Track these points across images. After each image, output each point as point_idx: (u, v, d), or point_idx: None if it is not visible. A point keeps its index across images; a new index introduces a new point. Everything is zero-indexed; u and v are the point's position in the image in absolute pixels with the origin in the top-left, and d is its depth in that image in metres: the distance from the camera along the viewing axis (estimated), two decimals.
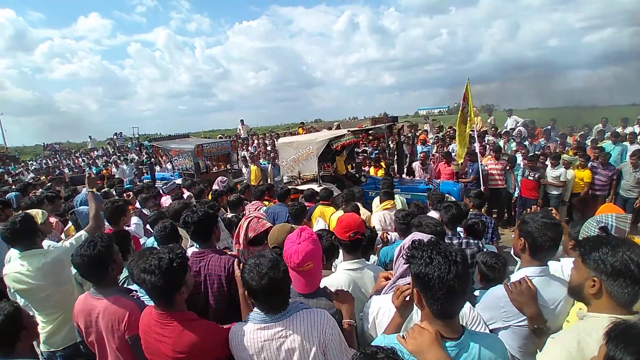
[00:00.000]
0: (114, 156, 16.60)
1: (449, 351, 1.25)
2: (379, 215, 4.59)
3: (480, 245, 3.29)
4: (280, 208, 4.82)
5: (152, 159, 11.06)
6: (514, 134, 10.16)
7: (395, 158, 8.29)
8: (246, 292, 1.65)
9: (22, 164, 27.04)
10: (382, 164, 8.45)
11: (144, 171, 12.58)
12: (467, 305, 1.74)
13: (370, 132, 7.25)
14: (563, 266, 2.31)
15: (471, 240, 3.28)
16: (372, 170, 8.65)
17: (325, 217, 4.54)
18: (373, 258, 3.33)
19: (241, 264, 1.94)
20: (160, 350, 1.78)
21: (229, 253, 2.55)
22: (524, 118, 12.13)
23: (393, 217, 4.05)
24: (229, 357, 1.77)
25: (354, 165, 8.39)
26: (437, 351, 1.22)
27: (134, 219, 4.38)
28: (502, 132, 10.32)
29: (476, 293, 2.42)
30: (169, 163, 11.08)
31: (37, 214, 3.23)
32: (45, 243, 3.16)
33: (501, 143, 9.51)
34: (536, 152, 8.16)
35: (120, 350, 1.99)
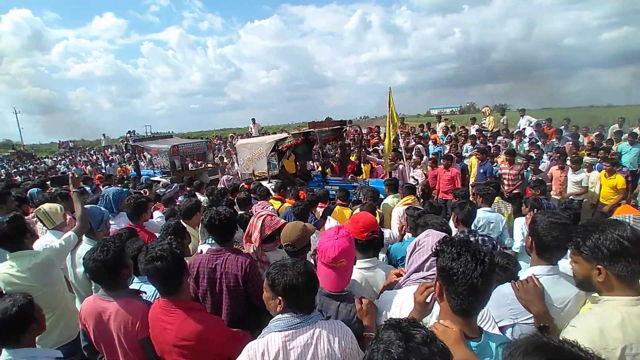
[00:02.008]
0: (127, 154, 16.92)
1: (473, 350, 1.27)
2: (399, 210, 4.61)
3: (495, 242, 3.28)
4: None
5: (137, 158, 11.98)
6: (527, 134, 10.05)
7: (340, 158, 9.14)
8: (279, 297, 1.59)
9: (38, 160, 27.60)
10: (333, 164, 9.30)
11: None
12: None
13: (310, 134, 8.15)
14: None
15: (486, 238, 3.26)
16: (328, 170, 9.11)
17: (345, 218, 4.56)
18: (382, 256, 3.34)
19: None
20: (164, 337, 1.83)
21: (244, 252, 2.59)
22: (537, 118, 11.97)
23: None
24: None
25: (303, 164, 9.04)
26: (464, 350, 1.23)
27: (157, 214, 4.48)
28: (515, 133, 10.21)
29: None
30: (150, 161, 12.19)
31: (57, 208, 3.31)
32: (52, 239, 3.21)
33: (514, 143, 9.42)
34: (548, 153, 8.05)
35: (132, 351, 2.00)
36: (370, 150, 10.21)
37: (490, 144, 9.00)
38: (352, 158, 8.66)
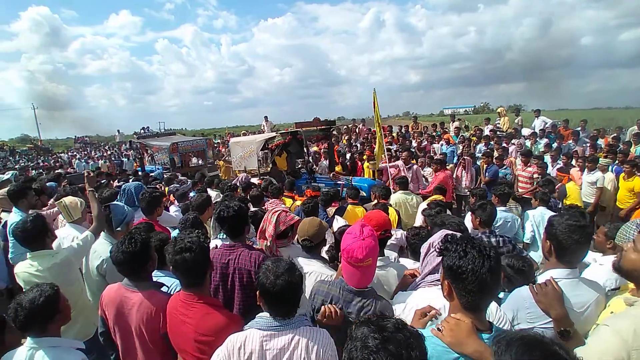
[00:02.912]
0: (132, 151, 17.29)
1: (486, 343, 1.27)
2: (424, 206, 4.65)
3: (514, 243, 3.24)
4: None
5: (141, 154, 12.42)
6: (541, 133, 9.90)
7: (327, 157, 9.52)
8: (258, 293, 1.64)
9: (54, 155, 28.16)
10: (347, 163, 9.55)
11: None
12: (494, 305, 1.75)
13: (298, 134, 8.46)
14: (597, 260, 2.28)
15: (506, 239, 3.23)
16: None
17: (357, 217, 4.55)
18: (392, 254, 3.33)
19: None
20: (183, 330, 1.85)
21: (257, 248, 2.60)
22: (553, 119, 11.78)
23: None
24: None
25: (292, 162, 9.34)
26: (476, 341, 1.24)
27: (173, 208, 4.51)
28: (530, 133, 10.06)
29: (500, 295, 2.39)
30: (152, 158, 12.61)
31: (77, 203, 3.37)
32: (72, 232, 3.29)
33: (528, 144, 9.28)
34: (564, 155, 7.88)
35: (152, 343, 2.03)
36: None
37: (504, 145, 8.86)
38: (364, 157, 8.68)
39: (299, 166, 9.27)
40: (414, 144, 11.01)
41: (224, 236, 2.74)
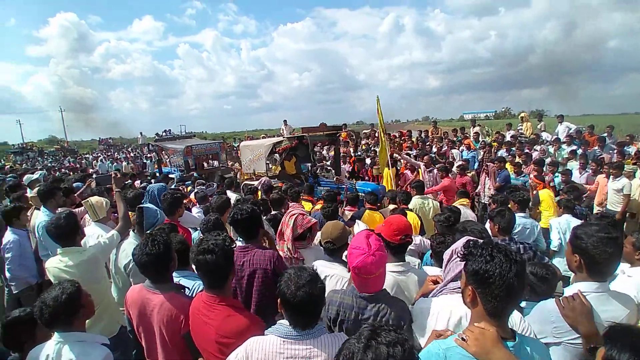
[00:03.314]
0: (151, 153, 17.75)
1: (510, 351, 1.25)
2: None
3: (535, 250, 3.18)
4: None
5: (159, 157, 12.86)
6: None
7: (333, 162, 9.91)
8: (279, 301, 1.63)
9: (80, 156, 28.98)
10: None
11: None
12: (518, 315, 1.72)
13: (304, 138, 8.74)
14: (625, 272, 2.20)
15: (526, 245, 3.17)
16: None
17: (375, 222, 4.53)
18: (414, 261, 3.30)
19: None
20: (205, 331, 1.86)
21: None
22: (578, 124, 11.48)
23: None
24: None
25: (299, 166, 9.45)
26: (502, 351, 1.22)
27: (195, 209, 4.58)
28: (553, 139, 9.82)
29: (522, 304, 2.34)
30: (168, 160, 13.17)
31: (102, 202, 3.48)
32: (97, 231, 3.38)
33: (551, 150, 9.07)
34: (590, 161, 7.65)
35: (173, 344, 2.07)
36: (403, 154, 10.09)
37: (527, 151, 8.68)
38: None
39: (306, 170, 9.43)
40: (434, 149, 10.88)
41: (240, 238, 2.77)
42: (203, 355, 1.96)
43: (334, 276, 2.44)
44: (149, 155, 20.42)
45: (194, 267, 1.97)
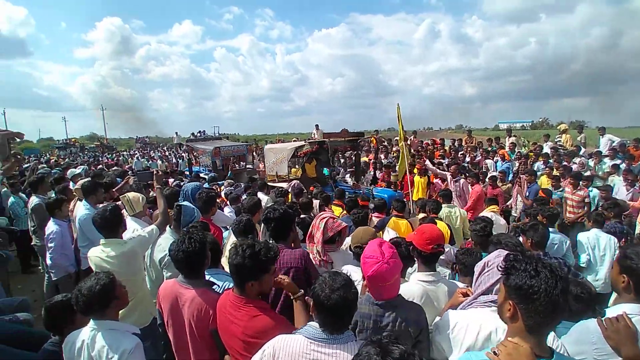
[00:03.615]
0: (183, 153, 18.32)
1: None
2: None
3: (569, 266, 3.07)
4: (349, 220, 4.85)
5: (190, 157, 13.41)
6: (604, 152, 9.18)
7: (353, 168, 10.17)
8: (312, 303, 1.64)
9: (118, 153, 30.18)
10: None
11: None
12: (551, 334, 1.65)
13: (324, 143, 8.96)
14: None
15: (560, 261, 3.06)
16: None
17: (400, 230, 4.50)
18: (444, 271, 3.24)
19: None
20: (231, 330, 1.90)
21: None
22: (621, 137, 10.90)
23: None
24: None
25: (320, 170, 9.65)
26: None
27: (227, 209, 4.71)
28: (594, 152, 9.36)
29: None
30: (197, 160, 13.64)
31: (139, 198, 3.63)
32: (132, 225, 3.51)
33: (591, 163, 8.65)
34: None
35: (201, 338, 2.12)
36: (436, 162, 9.92)
37: (565, 164, 8.34)
38: (415, 170, 8.59)
39: (328, 175, 9.62)
40: (467, 158, 10.64)
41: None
42: (229, 352, 1.99)
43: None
44: (182, 154, 21.06)
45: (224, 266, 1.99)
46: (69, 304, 2.23)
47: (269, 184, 7.93)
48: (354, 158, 10.41)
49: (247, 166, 12.79)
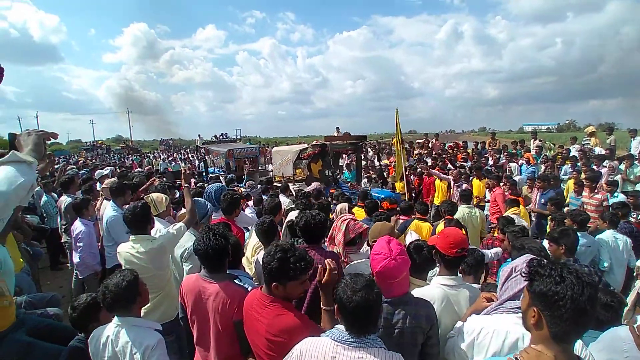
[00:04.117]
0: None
1: None
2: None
3: (600, 274, 2.97)
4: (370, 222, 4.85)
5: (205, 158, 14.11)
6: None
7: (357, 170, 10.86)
8: (336, 306, 1.63)
9: (143, 155, 30.98)
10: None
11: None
12: (579, 342, 1.60)
13: (326, 146, 9.41)
14: None
15: (592, 269, 2.97)
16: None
17: (422, 233, 4.47)
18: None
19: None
20: (256, 328, 1.92)
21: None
22: None
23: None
24: None
25: (323, 171, 10.05)
26: None
27: (248, 210, 4.81)
28: (626, 155, 8.99)
29: None
30: (212, 161, 14.59)
31: (162, 198, 3.72)
32: (156, 225, 3.56)
33: (622, 167, 8.33)
34: None
35: (224, 329, 2.16)
36: (457, 165, 9.78)
37: (594, 167, 8.06)
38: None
39: (330, 175, 10.16)
40: (490, 161, 10.43)
41: (299, 241, 2.82)
42: (253, 350, 2.02)
43: None
44: (204, 157, 21.50)
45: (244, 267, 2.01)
46: (94, 303, 2.32)
47: (275, 183, 8.67)
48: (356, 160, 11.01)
49: (259, 167, 13.26)
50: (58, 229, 6.17)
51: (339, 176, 10.50)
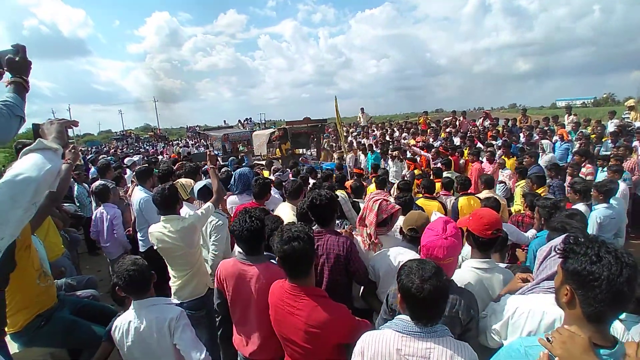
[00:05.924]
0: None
1: (604, 359, 1.12)
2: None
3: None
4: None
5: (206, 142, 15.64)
6: None
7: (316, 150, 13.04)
8: (399, 296, 1.56)
9: (170, 142, 31.66)
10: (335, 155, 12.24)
11: None
12: (620, 326, 1.54)
13: (285, 129, 11.66)
14: None
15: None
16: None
17: (429, 212, 4.37)
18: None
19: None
20: (292, 322, 1.88)
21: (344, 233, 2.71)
22: None
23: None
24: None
25: (288, 151, 11.69)
26: (593, 359, 1.10)
27: (273, 191, 4.89)
28: None
29: (622, 316, 2.06)
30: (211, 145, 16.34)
31: (190, 183, 3.82)
32: (185, 210, 3.62)
33: None
34: None
35: (267, 311, 2.13)
36: (486, 143, 9.42)
37: (637, 143, 7.58)
38: (466, 151, 8.37)
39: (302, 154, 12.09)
40: (522, 138, 10.01)
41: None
42: (283, 345, 2.02)
43: None
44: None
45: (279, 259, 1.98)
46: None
47: (255, 162, 10.08)
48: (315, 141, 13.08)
49: (250, 148, 14.31)
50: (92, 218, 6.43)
51: (304, 154, 12.45)
